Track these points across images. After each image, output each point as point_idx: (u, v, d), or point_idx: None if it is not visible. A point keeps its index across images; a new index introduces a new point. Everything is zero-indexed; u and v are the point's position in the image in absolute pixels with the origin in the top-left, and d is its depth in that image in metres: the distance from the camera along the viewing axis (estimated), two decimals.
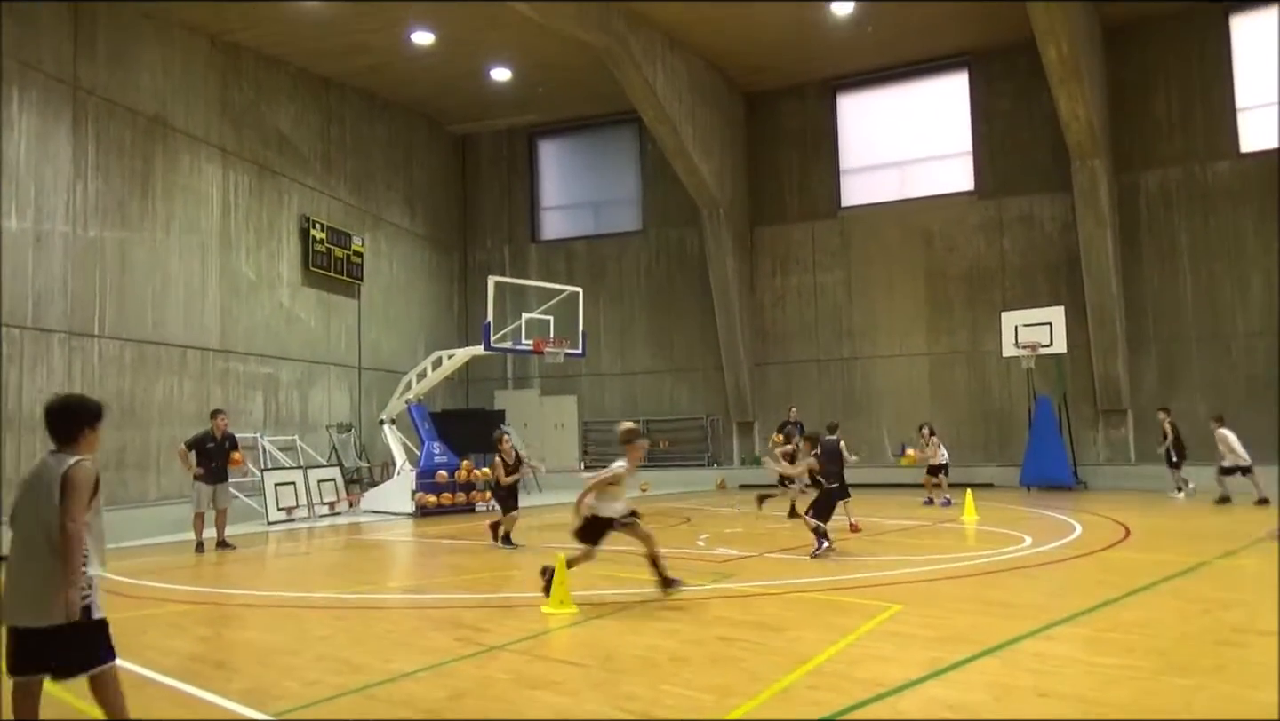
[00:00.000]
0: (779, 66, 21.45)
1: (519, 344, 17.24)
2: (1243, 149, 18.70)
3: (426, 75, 20.66)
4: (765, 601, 7.20)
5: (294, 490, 16.02)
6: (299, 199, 19.02)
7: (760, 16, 18.57)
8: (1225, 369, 18.62)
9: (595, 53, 18.16)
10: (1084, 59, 16.99)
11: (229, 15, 16.28)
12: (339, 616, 7.32)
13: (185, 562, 11.07)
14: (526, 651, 5.76)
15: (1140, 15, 19.10)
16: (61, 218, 13.74)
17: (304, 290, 19.09)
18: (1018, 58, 19.67)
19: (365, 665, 5.46)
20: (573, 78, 21.11)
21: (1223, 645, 5.46)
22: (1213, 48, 19.02)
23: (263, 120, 18.18)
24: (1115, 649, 5.38)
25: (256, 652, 6.10)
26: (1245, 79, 18.74)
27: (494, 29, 18.19)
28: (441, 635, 6.28)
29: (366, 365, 20.88)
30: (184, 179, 16.19)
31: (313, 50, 18.39)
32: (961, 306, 20.92)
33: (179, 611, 7.79)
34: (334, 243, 19.67)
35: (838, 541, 9.93)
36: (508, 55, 20.15)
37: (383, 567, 11.06)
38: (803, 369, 22.31)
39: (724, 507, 16.19)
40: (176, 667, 5.57)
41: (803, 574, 8.45)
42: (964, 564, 8.97)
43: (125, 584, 9.14)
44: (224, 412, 12.65)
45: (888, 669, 5.05)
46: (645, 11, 18.08)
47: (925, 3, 18.11)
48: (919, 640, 5.67)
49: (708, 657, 5.42)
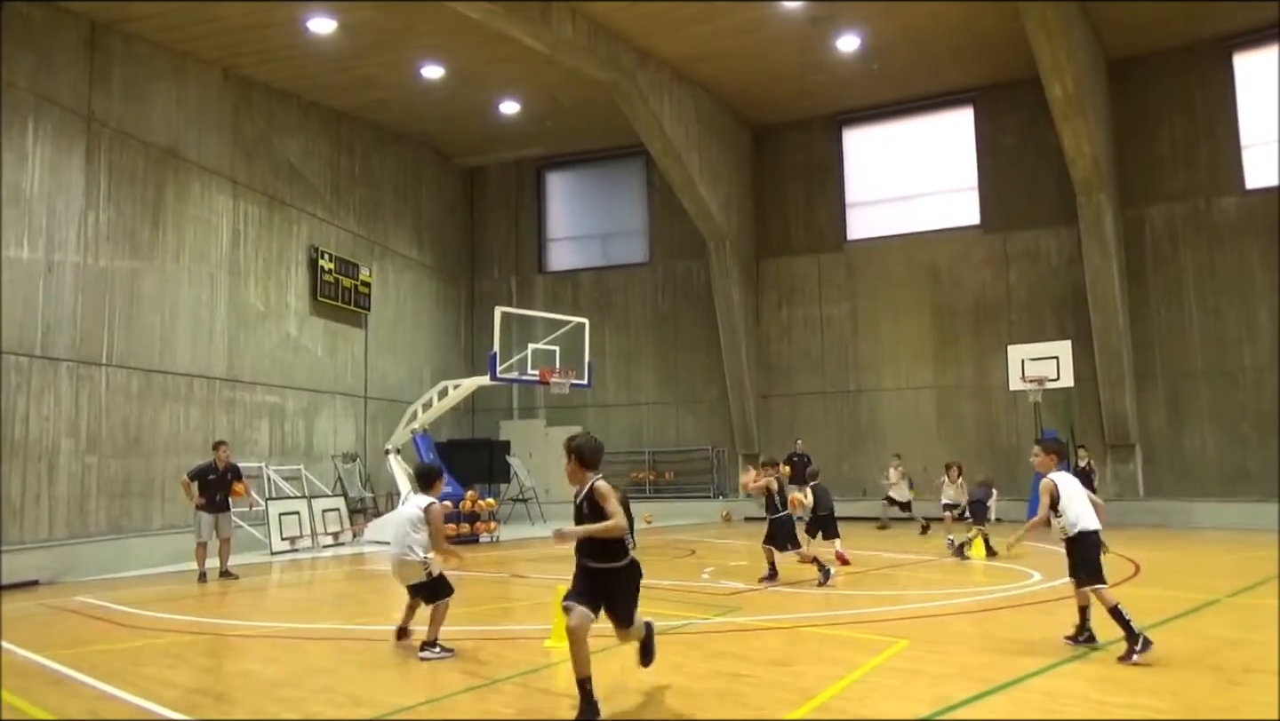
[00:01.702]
0: (785, 101, 21.64)
1: (525, 374, 17.25)
2: (1248, 185, 18.75)
3: (435, 108, 20.88)
4: (770, 636, 7.13)
5: (298, 520, 15.98)
6: (308, 229, 19.16)
7: (767, 52, 18.78)
8: (1233, 404, 18.54)
9: (603, 87, 18.35)
10: (1089, 95, 17.12)
11: (242, 49, 16.51)
12: (341, 648, 7.27)
13: (188, 592, 11.02)
14: (528, 684, 5.70)
15: (1144, 51, 19.26)
16: (73, 247, 13.85)
17: (311, 320, 19.17)
18: (1023, 93, 19.81)
19: (367, 698, 5.41)
20: (580, 111, 21.32)
21: (1234, 685, 5.39)
22: (1216, 85, 19.14)
23: (273, 152, 18.37)
24: (1125, 687, 5.31)
25: (257, 684, 6.05)
26: (1249, 116, 18.84)
27: (503, 63, 18.40)
28: (443, 668, 6.23)
29: (372, 395, 20.91)
30: (194, 209, 16.33)
31: (324, 84, 18.62)
32: (968, 340, 20.91)
33: (180, 641, 7.74)
34: (342, 273, 19.78)
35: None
36: (516, 89, 20.37)
37: (386, 599, 10.97)
38: (808, 401, 22.27)
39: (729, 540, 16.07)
40: (176, 699, 5.52)
41: (808, 608, 8.37)
42: (971, 599, 8.89)
43: (127, 613, 9.10)
44: (226, 444, 12.68)
45: (894, 705, 4.98)
46: (653, 46, 18.29)
47: (930, 40, 18.29)
48: (925, 676, 5.61)
49: (712, 693, 5.36)
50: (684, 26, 17.50)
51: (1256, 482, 17.70)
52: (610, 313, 23.86)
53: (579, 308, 22.58)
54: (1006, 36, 17.49)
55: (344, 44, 16.89)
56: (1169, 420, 19.02)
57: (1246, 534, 14.37)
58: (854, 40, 18.38)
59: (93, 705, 5.52)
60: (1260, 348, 18.32)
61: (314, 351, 19.21)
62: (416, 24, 16.41)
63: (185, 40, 15.75)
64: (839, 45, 18.58)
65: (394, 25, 16.47)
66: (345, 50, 17.19)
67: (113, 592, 10.74)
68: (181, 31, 15.39)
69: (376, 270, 21.19)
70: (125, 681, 5.96)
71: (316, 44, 16.78)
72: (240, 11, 15.09)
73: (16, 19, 12.98)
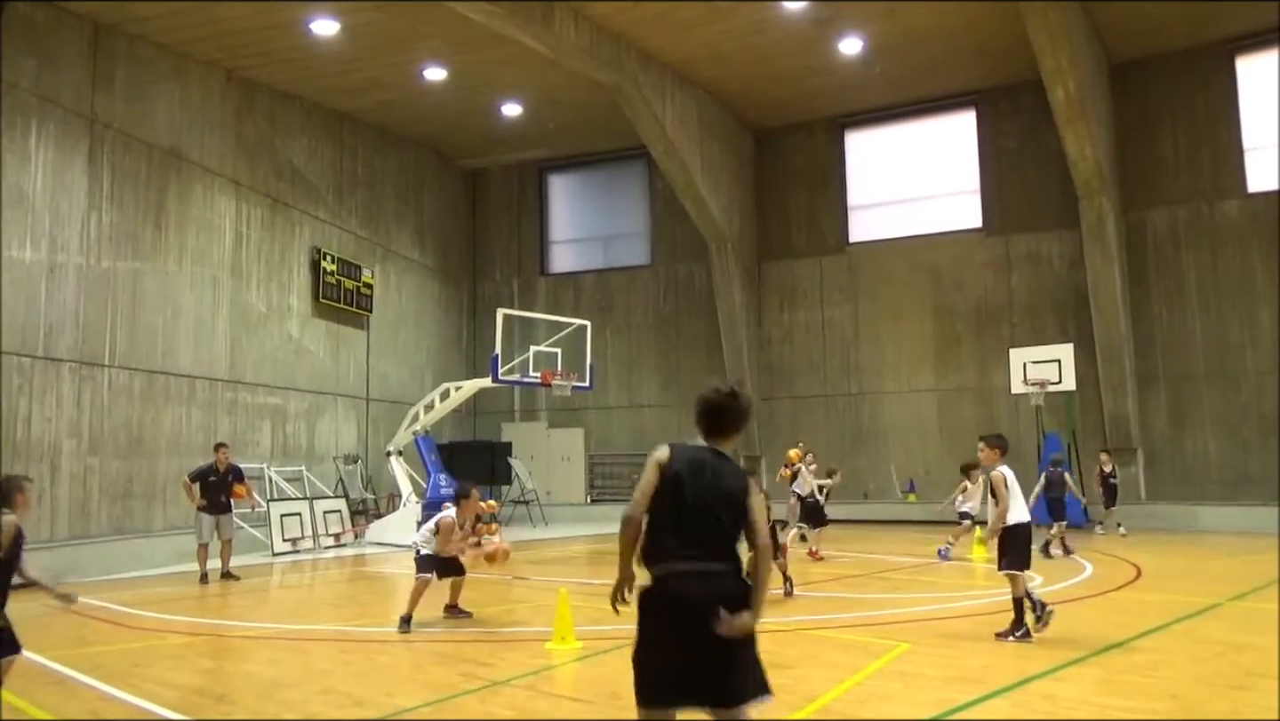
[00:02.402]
0: (787, 103, 21.64)
1: (527, 376, 17.26)
2: (1250, 189, 18.73)
3: (438, 111, 20.90)
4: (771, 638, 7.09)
5: (299, 521, 15.99)
6: (310, 231, 19.17)
7: (769, 54, 18.78)
8: (1235, 407, 18.52)
9: (605, 89, 18.36)
10: (1091, 98, 17.11)
11: (245, 51, 16.54)
12: (342, 649, 7.27)
13: (189, 593, 11.03)
14: (530, 687, 5.70)
15: (1146, 54, 19.24)
16: (75, 248, 13.87)
17: (313, 321, 19.18)
18: (1025, 96, 19.80)
19: (367, 699, 5.41)
20: (583, 113, 21.33)
21: (1236, 689, 5.38)
22: (1218, 88, 19.13)
23: (276, 154, 18.39)
24: (1127, 691, 5.30)
25: (258, 685, 6.06)
26: (1251, 119, 18.82)
27: (505, 65, 18.42)
28: (445, 669, 6.23)
29: (374, 396, 20.92)
30: (197, 211, 16.35)
31: (326, 86, 18.64)
32: (969, 342, 20.89)
33: (181, 643, 7.75)
34: (344, 274, 19.79)
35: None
36: (519, 91, 20.38)
37: (386, 600, 10.98)
38: (810, 404, 22.25)
39: None
40: (177, 700, 5.53)
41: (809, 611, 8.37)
42: (973, 603, 8.88)
43: (128, 614, 9.11)
44: (226, 446, 12.71)
45: (895, 709, 4.98)
46: (655, 48, 18.30)
47: (932, 43, 18.29)
48: (927, 680, 5.60)
49: None
50: (686, 29, 17.52)
51: (1258, 486, 17.66)
52: (612, 315, 23.86)
53: (580, 310, 22.58)
54: (1009, 39, 17.49)
55: (346, 46, 16.92)
56: (1171, 423, 19.00)
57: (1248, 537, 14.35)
58: (856, 43, 18.38)
59: (94, 706, 5.53)
60: (1262, 351, 18.29)
61: (316, 353, 19.22)
62: (419, 26, 16.43)
63: (188, 42, 15.77)
64: (841, 48, 18.58)
65: (396, 27, 16.49)
66: (348, 52, 17.21)
67: (114, 593, 10.74)
68: (184, 33, 15.41)
69: (379, 272, 21.20)
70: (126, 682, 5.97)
71: (319, 46, 16.80)
72: (243, 13, 15.11)
73: (19, 20, 13.00)
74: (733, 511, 3.30)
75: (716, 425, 3.49)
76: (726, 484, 3.33)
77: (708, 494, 3.27)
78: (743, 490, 3.35)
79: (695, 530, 3.24)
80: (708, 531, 3.24)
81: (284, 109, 18.61)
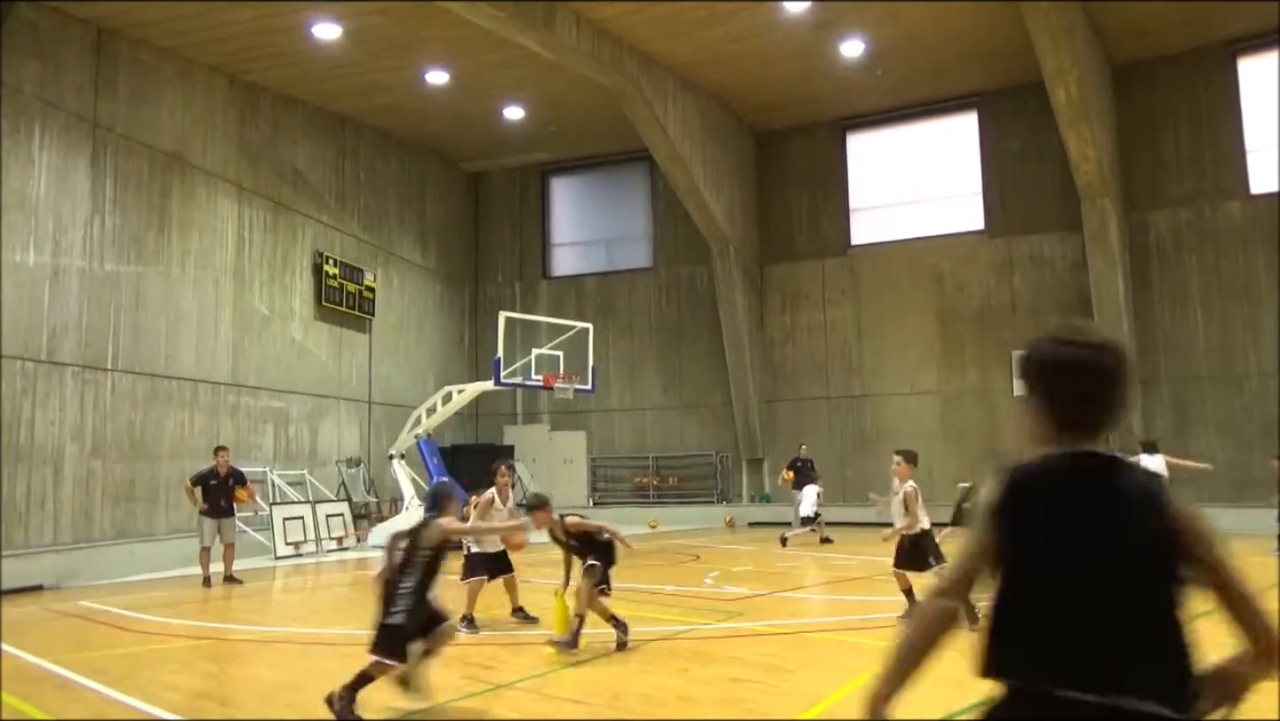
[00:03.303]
0: (789, 106, 21.65)
1: (529, 379, 17.27)
2: (1253, 190, 18.71)
3: (440, 114, 20.93)
4: (774, 641, 7.11)
5: (302, 525, 16.00)
6: (313, 234, 19.20)
7: (771, 57, 18.80)
8: (1239, 409, 18.49)
9: (607, 92, 18.38)
10: (1093, 100, 17.10)
11: (247, 55, 16.57)
12: (345, 652, 7.27)
13: (192, 597, 11.03)
14: (534, 690, 5.70)
15: (1148, 56, 19.22)
16: (78, 252, 13.90)
17: (316, 324, 19.21)
18: (1027, 98, 19.78)
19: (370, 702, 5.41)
20: (585, 116, 21.35)
21: None
22: (1221, 89, 19.11)
23: (278, 157, 18.42)
24: None
25: (261, 689, 6.06)
26: (1254, 121, 18.80)
27: (507, 69, 18.44)
28: (448, 672, 6.23)
29: (376, 400, 20.93)
30: (200, 214, 16.38)
31: (329, 90, 18.68)
32: (972, 345, 20.87)
33: (184, 646, 7.75)
34: (346, 278, 19.81)
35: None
36: (521, 94, 20.41)
37: None
38: (813, 406, 22.24)
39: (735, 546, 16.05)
40: (180, 704, 5.53)
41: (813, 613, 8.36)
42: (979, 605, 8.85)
43: (131, 618, 9.11)
44: (226, 450, 12.71)
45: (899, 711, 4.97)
46: (657, 51, 18.31)
47: (934, 45, 18.30)
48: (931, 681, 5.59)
49: (716, 698, 5.35)
50: (688, 32, 17.53)
51: (1261, 488, 17.63)
52: (614, 318, 23.86)
53: (583, 313, 22.59)
54: (1010, 41, 17.48)
55: (349, 50, 16.95)
56: (1174, 425, 18.95)
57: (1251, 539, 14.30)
58: (858, 45, 18.39)
59: (97, 709, 5.53)
60: (1265, 352, 18.27)
61: (318, 356, 19.24)
62: (421, 30, 16.46)
63: (191, 46, 15.81)
64: (843, 50, 18.59)
65: (399, 31, 16.52)
66: (350, 56, 17.24)
67: (117, 597, 10.75)
68: (187, 37, 15.45)
69: (381, 275, 21.22)
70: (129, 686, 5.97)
71: (321, 50, 16.83)
72: (246, 17, 15.14)
73: (23, 25, 13.04)
74: (1160, 562, 1.88)
75: (1084, 404, 1.88)
76: (1138, 512, 1.84)
77: (1108, 539, 1.81)
78: (1172, 517, 1.87)
79: (1094, 613, 1.80)
80: (1119, 613, 1.80)
81: (286, 113, 18.64)
